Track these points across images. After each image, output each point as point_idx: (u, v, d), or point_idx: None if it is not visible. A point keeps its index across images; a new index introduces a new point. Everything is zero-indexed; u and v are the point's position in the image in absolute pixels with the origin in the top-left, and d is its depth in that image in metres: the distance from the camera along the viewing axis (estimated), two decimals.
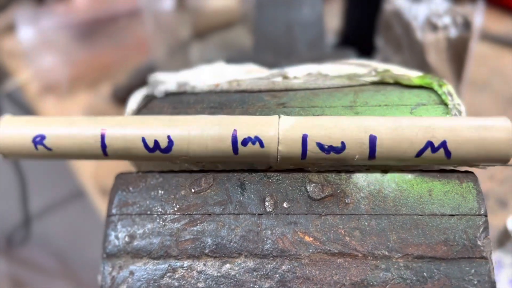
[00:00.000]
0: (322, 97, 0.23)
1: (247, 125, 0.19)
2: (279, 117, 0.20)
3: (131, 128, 0.20)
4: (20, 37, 0.67)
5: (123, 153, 0.20)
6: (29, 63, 0.72)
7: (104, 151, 0.20)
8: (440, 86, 0.23)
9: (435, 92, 0.23)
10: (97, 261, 0.19)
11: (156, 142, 0.19)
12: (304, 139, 0.19)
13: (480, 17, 0.45)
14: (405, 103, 0.22)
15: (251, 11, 0.63)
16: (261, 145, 0.19)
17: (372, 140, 0.19)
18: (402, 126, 0.19)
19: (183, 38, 0.65)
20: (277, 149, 0.19)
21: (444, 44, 0.45)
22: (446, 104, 0.22)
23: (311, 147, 0.19)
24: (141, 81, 0.71)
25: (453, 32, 0.45)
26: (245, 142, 0.19)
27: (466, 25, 0.45)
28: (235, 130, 0.19)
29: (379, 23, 0.50)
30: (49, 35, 0.70)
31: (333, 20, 0.64)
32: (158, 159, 0.20)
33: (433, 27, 0.45)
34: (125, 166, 0.64)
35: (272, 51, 0.45)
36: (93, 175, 0.62)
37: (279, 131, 0.19)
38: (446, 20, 0.45)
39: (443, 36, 0.45)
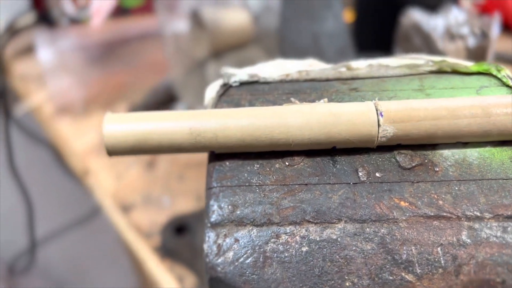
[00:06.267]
0: (390, 82, 0.25)
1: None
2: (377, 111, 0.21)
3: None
4: (39, 58, 0.68)
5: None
6: (45, 85, 0.73)
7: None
8: (499, 70, 0.24)
9: (494, 76, 0.25)
10: None
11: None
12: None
13: (496, 28, 0.47)
14: (468, 86, 0.24)
15: (264, 30, 0.65)
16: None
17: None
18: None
19: (200, 57, 0.67)
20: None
21: (464, 53, 0.48)
22: (508, 86, 0.24)
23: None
24: (157, 100, 0.72)
25: (471, 42, 0.47)
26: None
27: (484, 35, 0.47)
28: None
29: (397, 36, 0.53)
30: (65, 56, 0.71)
31: None
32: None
33: (452, 37, 0.48)
34: (145, 183, 0.63)
35: None
36: (113, 193, 0.62)
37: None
38: (465, 30, 0.47)
39: (462, 46, 0.47)
